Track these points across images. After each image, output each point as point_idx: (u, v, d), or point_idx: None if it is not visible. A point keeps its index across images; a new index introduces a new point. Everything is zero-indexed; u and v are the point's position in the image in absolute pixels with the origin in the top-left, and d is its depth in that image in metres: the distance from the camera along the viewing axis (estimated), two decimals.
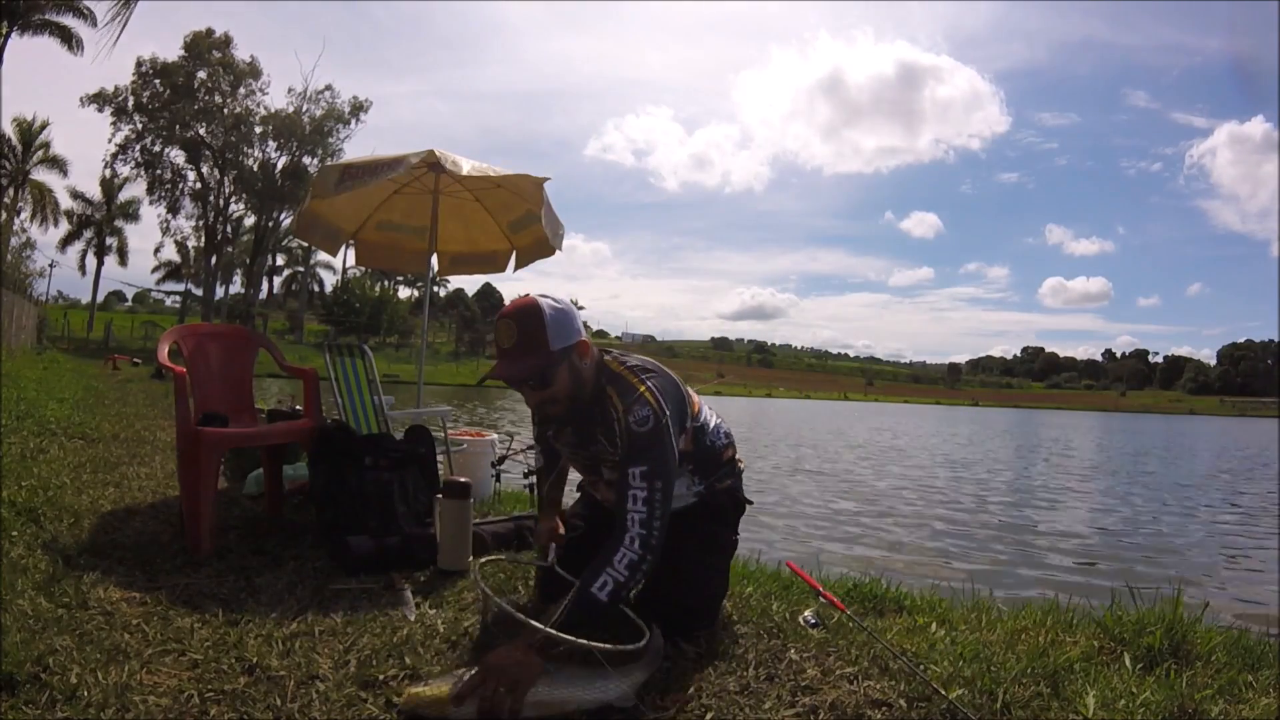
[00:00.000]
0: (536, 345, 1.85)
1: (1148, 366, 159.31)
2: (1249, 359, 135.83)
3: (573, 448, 2.13)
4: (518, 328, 1.86)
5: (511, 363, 1.87)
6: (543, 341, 1.85)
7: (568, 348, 1.88)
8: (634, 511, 1.78)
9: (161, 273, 54.00)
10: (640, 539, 1.77)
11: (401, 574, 2.42)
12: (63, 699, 1.46)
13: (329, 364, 3.73)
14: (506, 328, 1.87)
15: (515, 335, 1.86)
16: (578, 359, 1.90)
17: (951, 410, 67.61)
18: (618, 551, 1.76)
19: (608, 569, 1.74)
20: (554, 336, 1.86)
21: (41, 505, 3.00)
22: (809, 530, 6.47)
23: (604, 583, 1.73)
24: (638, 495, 1.79)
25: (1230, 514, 8.91)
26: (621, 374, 1.95)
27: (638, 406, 1.86)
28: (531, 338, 1.85)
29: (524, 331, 1.85)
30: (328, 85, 43.13)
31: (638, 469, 1.81)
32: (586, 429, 2.01)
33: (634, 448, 1.84)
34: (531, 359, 1.85)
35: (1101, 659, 2.01)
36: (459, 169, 3.72)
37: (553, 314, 1.87)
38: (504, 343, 1.88)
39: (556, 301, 1.91)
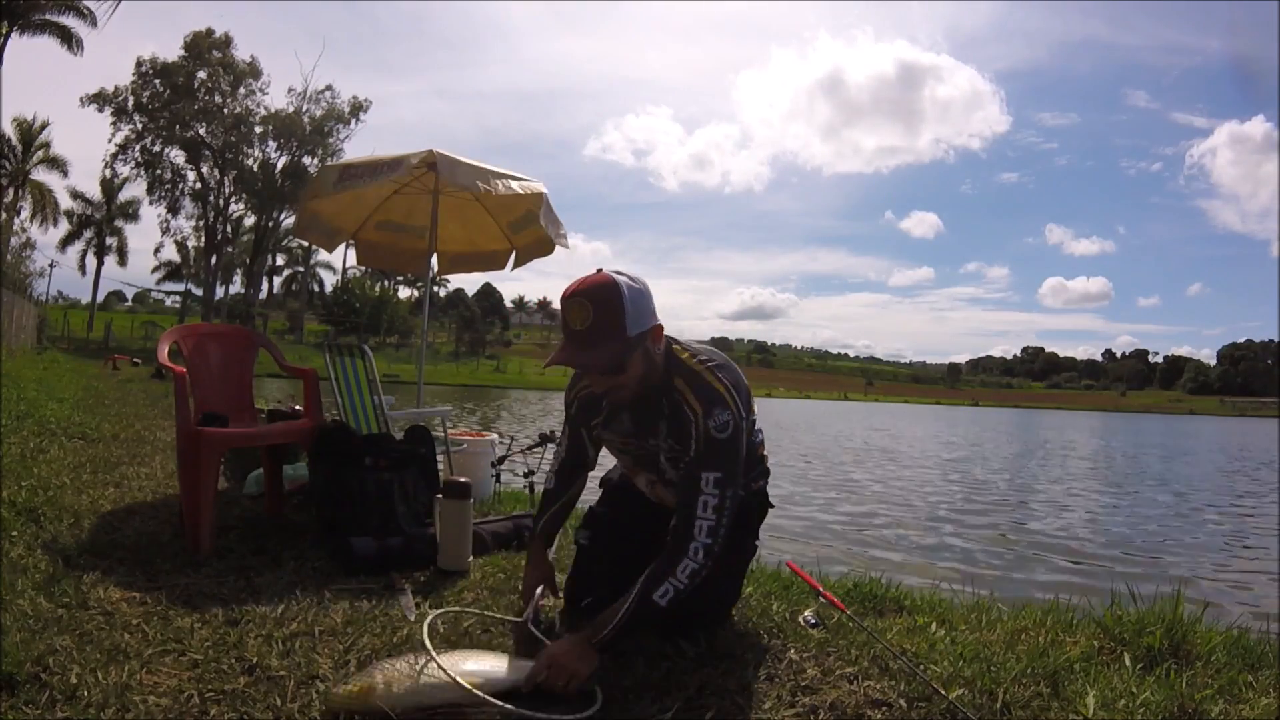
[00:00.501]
0: (613, 329, 1.66)
1: (1148, 366, 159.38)
2: (1249, 359, 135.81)
3: (625, 437, 1.95)
4: (594, 309, 1.65)
5: (584, 348, 1.67)
6: (620, 325, 1.66)
7: (644, 332, 1.70)
8: (703, 519, 1.71)
9: (161, 273, 54.07)
10: (705, 548, 1.71)
11: (401, 574, 2.42)
12: (63, 699, 1.46)
13: (329, 364, 3.73)
14: (580, 308, 1.66)
15: (590, 316, 1.65)
16: (652, 345, 1.74)
17: (952, 410, 67.59)
18: (681, 561, 1.70)
19: (670, 578, 1.70)
20: (632, 320, 1.67)
21: (41, 505, 3.00)
22: (809, 530, 6.47)
23: (665, 590, 1.70)
24: (709, 502, 1.71)
25: (1230, 514, 8.91)
26: (695, 368, 1.79)
27: (718, 410, 1.73)
28: (608, 320, 1.65)
29: (600, 313, 1.65)
30: (328, 85, 43.22)
31: (712, 475, 1.71)
32: (647, 419, 1.86)
33: (712, 453, 1.72)
34: (607, 345, 1.66)
35: (1101, 659, 2.01)
36: (454, 175, 3.71)
37: (631, 294, 1.68)
38: (575, 324, 1.67)
39: (634, 281, 1.71)
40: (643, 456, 1.96)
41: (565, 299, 1.70)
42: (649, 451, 1.92)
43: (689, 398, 1.76)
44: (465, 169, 3.74)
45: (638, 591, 1.70)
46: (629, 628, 1.71)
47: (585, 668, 1.60)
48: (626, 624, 1.70)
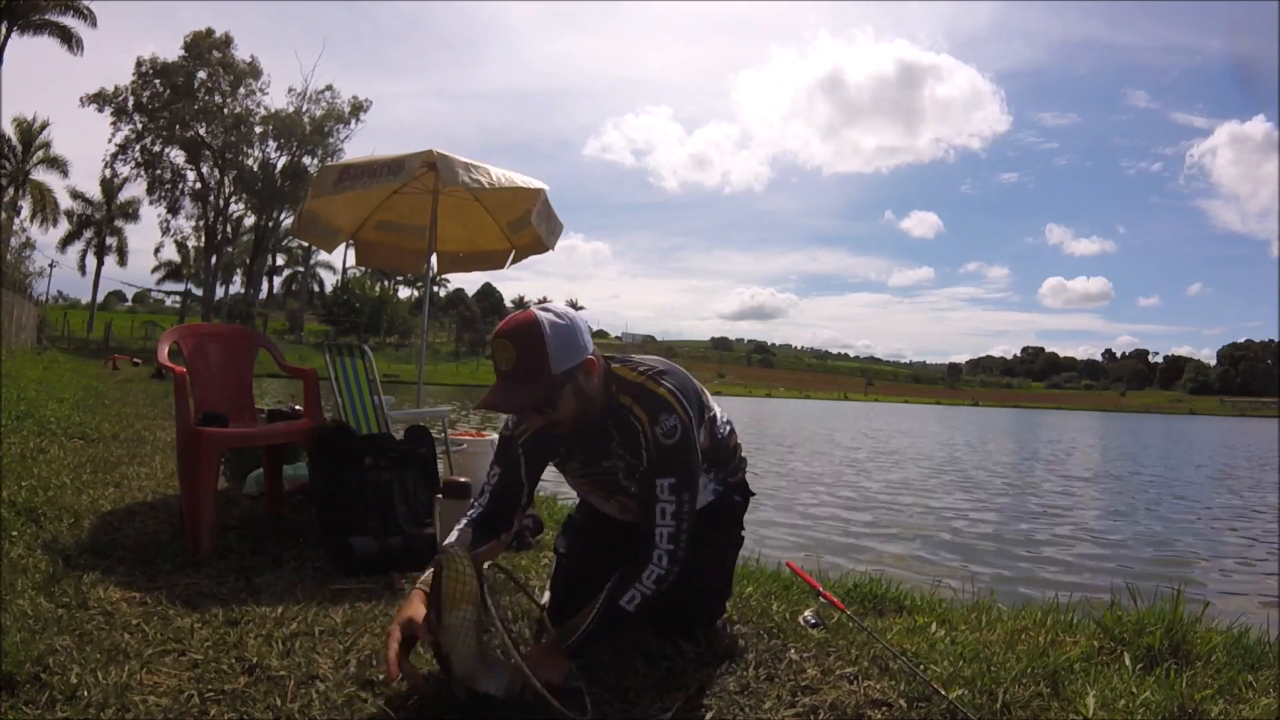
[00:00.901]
0: (538, 369, 1.64)
1: (1148, 366, 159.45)
2: (1249, 359, 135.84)
3: (581, 466, 1.94)
4: (516, 350, 1.64)
5: (509, 390, 1.67)
6: (544, 364, 1.64)
7: (573, 368, 1.68)
8: (662, 526, 1.72)
9: (161, 273, 54.10)
10: (668, 554, 1.72)
11: (401, 574, 2.42)
12: (63, 699, 1.46)
13: (329, 364, 3.73)
14: (504, 349, 1.66)
15: (514, 357, 1.65)
16: (584, 379, 1.71)
17: (952, 410, 67.60)
18: (646, 568, 1.71)
19: (636, 584, 1.70)
20: (557, 358, 1.65)
21: (41, 505, 3.00)
22: (809, 530, 6.47)
23: (631, 596, 1.70)
24: (666, 509, 1.72)
25: (1230, 514, 8.91)
26: (638, 381, 1.79)
27: (664, 416, 1.73)
28: (531, 360, 1.64)
29: (523, 353, 1.64)
30: (328, 85, 43.27)
31: (666, 481, 1.72)
32: (595, 447, 1.85)
33: (662, 460, 1.72)
34: (532, 385, 1.65)
35: (1101, 659, 2.01)
36: (454, 176, 3.71)
37: (555, 331, 1.65)
38: (501, 365, 1.67)
39: (559, 316, 1.68)
40: (604, 480, 1.95)
41: (491, 340, 1.70)
42: (608, 474, 1.91)
43: (634, 409, 1.76)
44: (464, 169, 3.74)
45: (605, 598, 1.70)
46: (598, 634, 1.70)
47: (556, 676, 1.58)
48: (594, 630, 1.69)
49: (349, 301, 59.51)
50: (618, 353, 1.90)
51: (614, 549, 2.05)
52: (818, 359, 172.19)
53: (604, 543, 2.06)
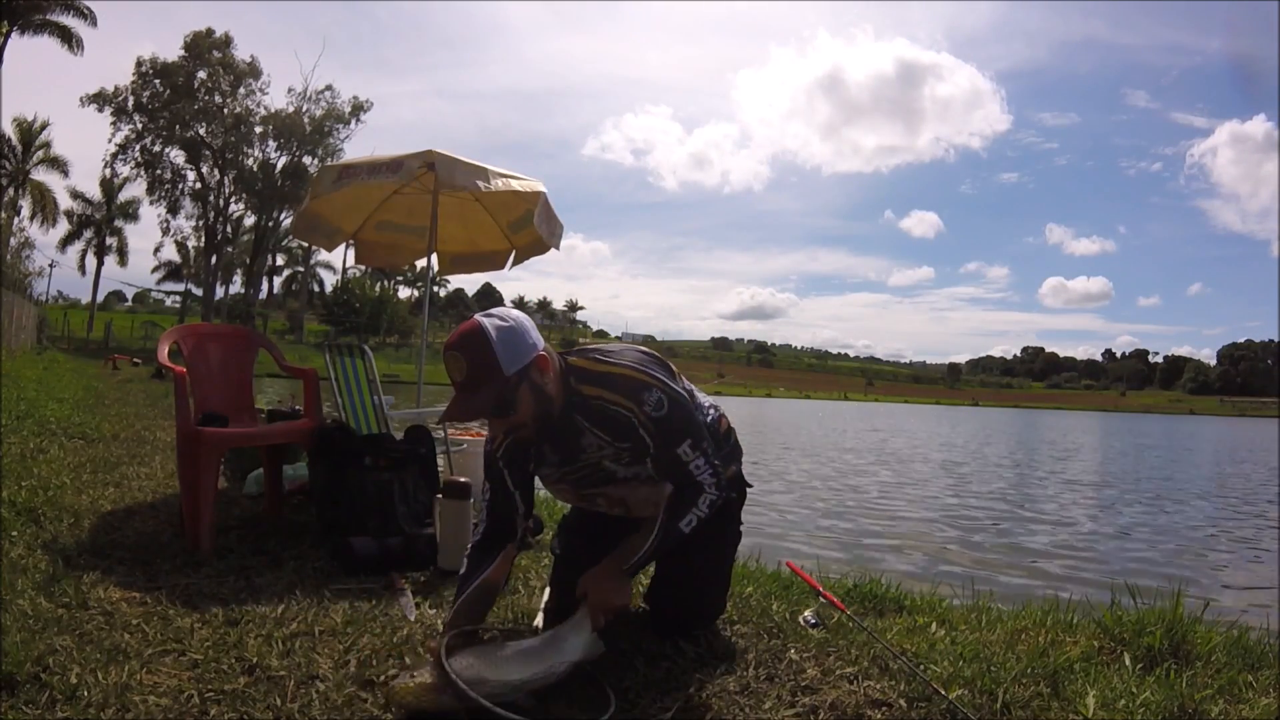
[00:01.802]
0: (489, 374, 1.67)
1: (1148, 366, 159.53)
2: (1249, 359, 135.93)
3: (556, 468, 1.94)
4: (465, 358, 1.67)
5: (465, 399, 1.69)
6: (494, 369, 1.66)
7: (524, 368, 1.70)
8: (702, 474, 1.80)
9: (161, 273, 54.13)
10: (714, 483, 1.81)
11: (401, 574, 2.42)
12: (63, 699, 1.46)
13: (329, 364, 3.73)
14: (454, 360, 1.68)
15: (464, 367, 1.67)
16: (538, 376, 1.73)
17: (952, 410, 67.60)
18: (700, 495, 1.80)
19: (693, 508, 1.79)
20: (506, 359, 1.67)
21: (41, 505, 3.00)
22: (809, 530, 6.47)
23: (689, 520, 1.78)
24: (699, 465, 1.80)
25: (1230, 514, 8.91)
26: (595, 369, 1.81)
27: (644, 393, 1.76)
28: (481, 367, 1.67)
29: (473, 362, 1.67)
30: (328, 85, 43.20)
31: (683, 445, 1.78)
32: (568, 444, 1.86)
33: (667, 430, 1.77)
34: (485, 390, 1.67)
35: (1101, 659, 2.01)
36: (453, 176, 3.71)
37: (500, 334, 1.68)
38: (455, 376, 1.69)
39: (503, 319, 1.71)
40: (584, 477, 1.94)
41: (445, 354, 1.71)
42: (589, 467, 1.90)
43: (609, 396, 1.77)
44: (464, 169, 3.74)
45: (662, 521, 1.78)
46: (655, 557, 1.78)
47: (621, 599, 1.72)
48: (652, 553, 1.77)
49: (349, 301, 59.50)
50: (572, 347, 1.92)
51: (609, 547, 2.06)
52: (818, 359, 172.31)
53: (599, 541, 2.07)
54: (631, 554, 1.77)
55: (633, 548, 1.79)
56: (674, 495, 1.82)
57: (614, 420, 1.78)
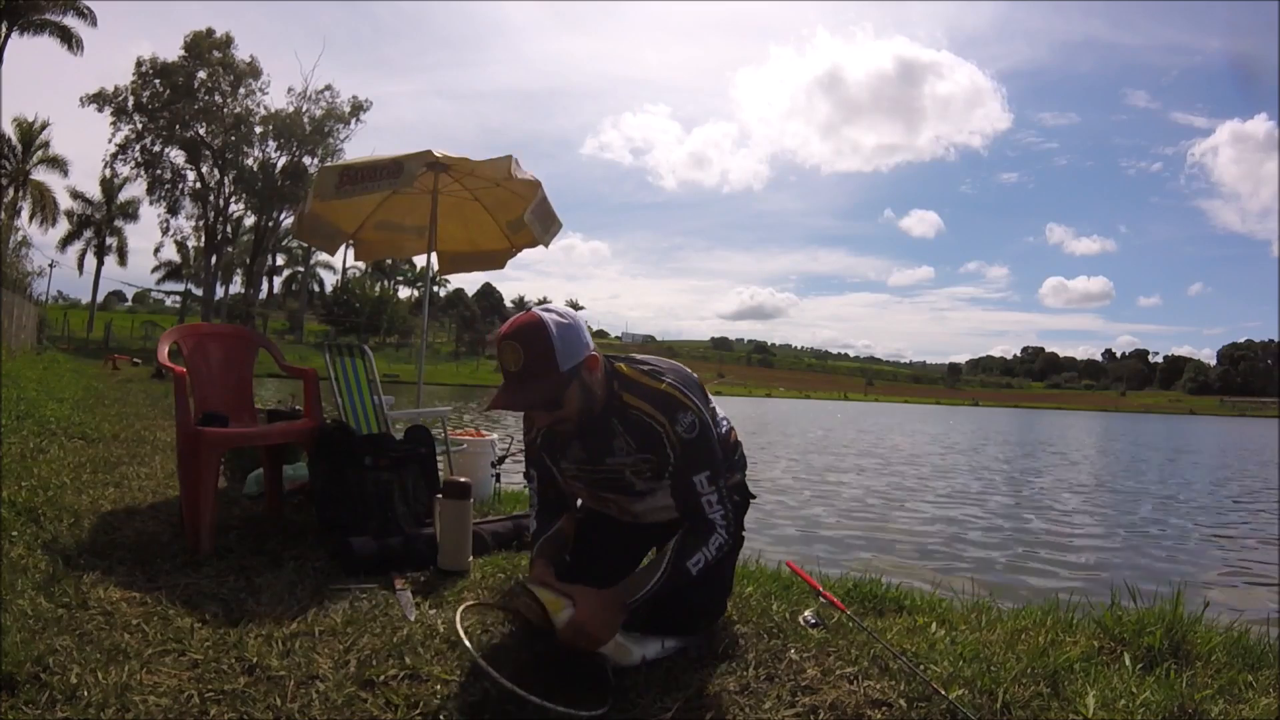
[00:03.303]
0: (545, 367, 1.70)
1: (1148, 366, 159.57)
2: (1249, 359, 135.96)
3: (580, 465, 1.98)
4: (524, 349, 1.70)
5: (518, 389, 1.72)
6: (551, 363, 1.70)
7: (577, 365, 1.74)
8: (713, 512, 1.82)
9: (161, 273, 54.13)
10: (726, 528, 1.83)
11: (401, 574, 2.42)
12: (63, 699, 1.46)
13: (329, 364, 3.73)
14: (511, 350, 1.71)
15: (521, 358, 1.70)
16: (588, 374, 1.78)
17: (952, 410, 67.60)
18: (711, 536, 1.81)
19: (702, 549, 1.80)
20: (563, 355, 1.71)
21: (41, 505, 3.00)
22: (810, 530, 6.47)
23: (697, 560, 1.79)
24: (711, 500, 1.81)
25: (1231, 513, 8.91)
26: (640, 380, 1.85)
27: (680, 413, 1.80)
28: (539, 360, 1.70)
29: (530, 353, 1.70)
30: (327, 85, 43.22)
31: (702, 475, 1.81)
32: (599, 442, 1.90)
33: (691, 455, 1.81)
34: (540, 383, 1.71)
35: (1101, 659, 2.01)
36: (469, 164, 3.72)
37: (560, 330, 1.72)
38: (509, 366, 1.72)
39: (562, 315, 1.76)
40: (602, 480, 1.98)
41: (498, 343, 1.75)
42: (610, 472, 1.94)
43: (647, 409, 1.82)
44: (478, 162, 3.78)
45: (671, 560, 1.78)
46: (660, 594, 1.77)
47: (607, 634, 1.69)
48: (658, 590, 1.77)
49: (349, 301, 59.57)
50: (618, 352, 1.94)
51: (614, 549, 2.07)
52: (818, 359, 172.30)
53: (604, 543, 2.09)
54: (637, 589, 1.76)
55: (639, 583, 1.78)
56: (685, 533, 1.82)
57: (646, 431, 1.83)
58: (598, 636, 1.68)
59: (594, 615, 1.68)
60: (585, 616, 1.67)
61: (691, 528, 1.83)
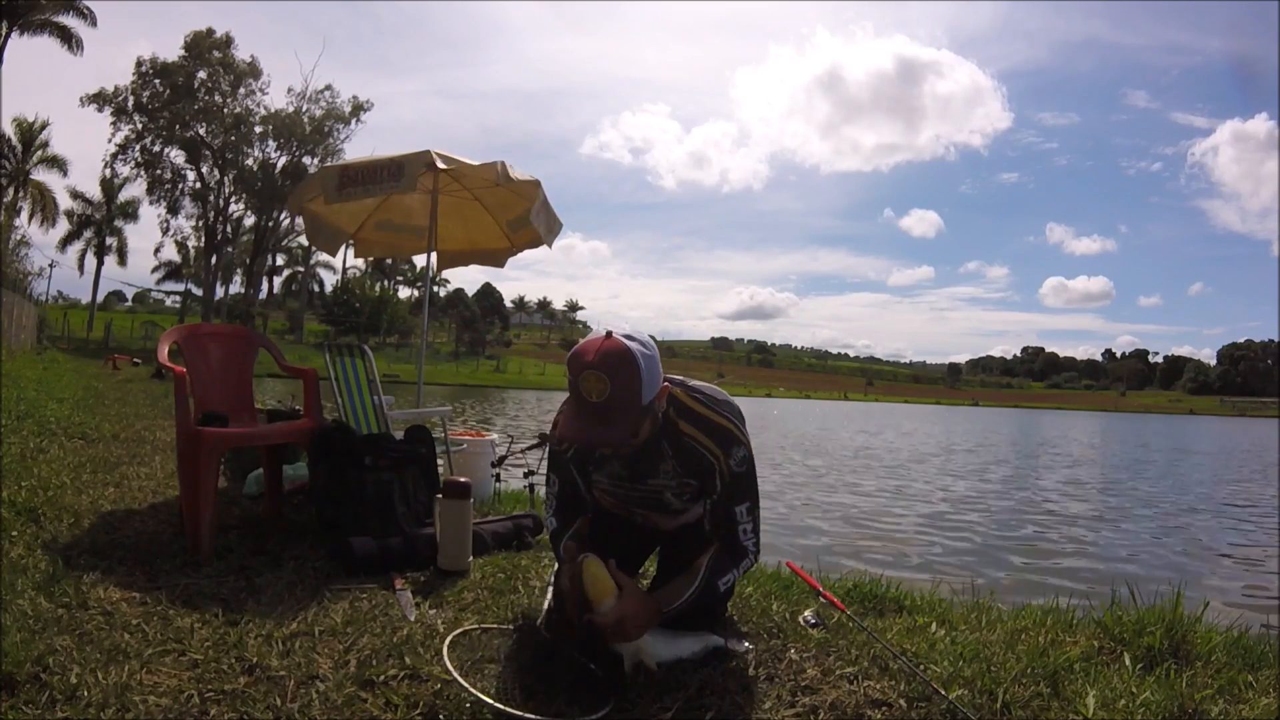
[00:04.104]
0: (631, 402, 1.62)
1: (1148, 366, 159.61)
2: (1249, 359, 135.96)
3: (617, 482, 1.98)
4: (612, 382, 1.60)
5: (601, 423, 1.62)
6: (637, 396, 1.62)
7: (655, 396, 1.69)
8: (747, 540, 1.87)
9: (161, 273, 54.12)
10: (755, 553, 1.90)
11: (401, 574, 2.42)
12: (63, 699, 1.46)
13: (329, 364, 3.73)
14: (598, 380, 1.60)
15: (608, 390, 1.60)
16: (659, 403, 1.73)
17: (952, 410, 67.58)
18: (743, 559, 1.87)
19: (733, 570, 1.85)
20: (648, 389, 1.64)
21: (41, 505, 3.00)
22: (810, 529, 6.47)
23: (727, 580, 1.85)
24: (747, 529, 1.86)
25: (1231, 513, 8.91)
26: (699, 411, 1.83)
27: (734, 448, 1.82)
28: (625, 392, 1.61)
29: (618, 387, 1.60)
30: (327, 85, 43.23)
31: (743, 506, 1.85)
32: (645, 463, 1.88)
33: (738, 488, 1.84)
34: (625, 418, 1.63)
35: (1101, 659, 2.01)
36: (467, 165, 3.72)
37: (647, 363, 1.64)
38: (591, 396, 1.61)
39: (645, 346, 1.66)
40: (638, 498, 2.01)
41: (580, 369, 1.62)
42: (649, 491, 1.97)
43: (702, 440, 1.82)
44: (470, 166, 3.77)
45: (704, 576, 1.81)
46: (692, 607, 1.81)
47: (640, 633, 1.71)
48: (691, 603, 1.80)
49: (349, 301, 59.54)
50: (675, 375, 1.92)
51: (621, 552, 2.08)
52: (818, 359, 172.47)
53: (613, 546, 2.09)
54: (674, 599, 1.79)
55: (675, 593, 1.80)
56: (718, 553, 1.85)
57: (698, 460, 1.83)
58: (631, 633, 1.68)
59: (636, 612, 1.69)
60: (629, 610, 1.68)
61: (724, 549, 1.86)
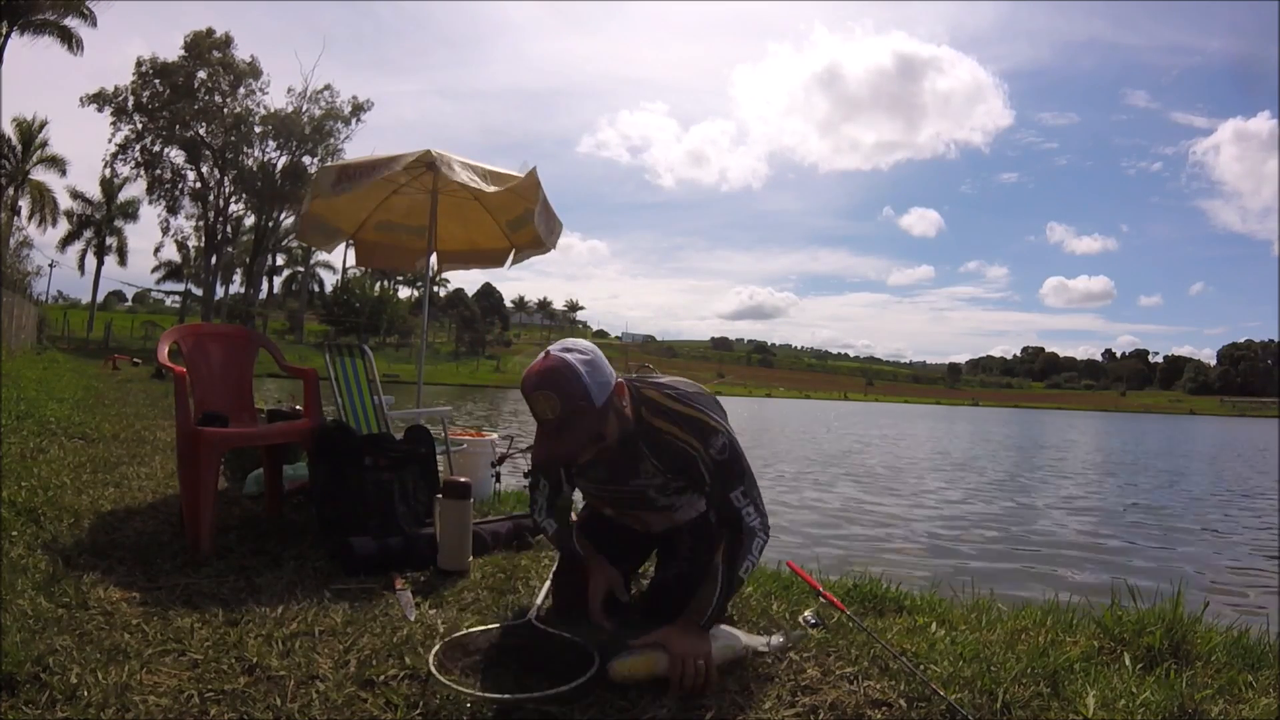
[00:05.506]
0: (584, 409, 1.72)
1: (1148, 366, 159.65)
2: (1249, 359, 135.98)
3: (600, 485, 2.05)
4: (559, 397, 1.70)
5: (563, 437, 1.73)
6: (587, 401, 1.72)
7: (609, 396, 1.77)
8: (753, 521, 1.88)
9: (161, 273, 54.15)
10: (765, 530, 1.90)
11: (401, 574, 2.42)
12: (63, 699, 1.46)
13: (329, 364, 3.73)
14: (546, 400, 1.70)
15: (558, 405, 1.70)
16: (618, 400, 1.81)
17: (952, 410, 67.56)
18: (753, 540, 1.87)
19: (748, 556, 1.86)
20: (596, 392, 1.73)
21: (41, 505, 3.00)
22: (810, 530, 6.47)
23: (746, 566, 1.86)
24: (749, 511, 1.88)
25: (1231, 513, 8.91)
26: (670, 406, 1.88)
27: (712, 437, 1.86)
28: (575, 401, 1.70)
29: (567, 398, 1.70)
30: (327, 85, 43.24)
31: (737, 490, 1.87)
32: (625, 463, 1.93)
33: (725, 475, 1.87)
34: (582, 423, 1.73)
35: (1101, 659, 2.01)
36: (452, 172, 3.71)
37: (588, 369, 1.73)
38: (545, 414, 1.72)
39: (583, 352, 1.77)
40: (625, 498, 2.05)
41: (529, 394, 1.73)
42: (632, 491, 2.00)
43: (678, 434, 1.87)
44: (463, 166, 3.74)
45: (724, 573, 1.83)
46: (723, 606, 1.83)
47: (705, 648, 1.72)
48: (722, 603, 1.82)
49: (349, 301, 59.53)
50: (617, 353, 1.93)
51: (621, 552, 2.08)
52: (818, 359, 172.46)
53: (611, 546, 2.12)
54: (705, 609, 1.80)
55: (703, 603, 1.81)
56: (729, 544, 1.87)
57: (678, 455, 1.87)
58: (705, 663, 1.69)
59: (691, 647, 1.69)
60: (685, 650, 1.68)
61: (733, 537, 1.88)
